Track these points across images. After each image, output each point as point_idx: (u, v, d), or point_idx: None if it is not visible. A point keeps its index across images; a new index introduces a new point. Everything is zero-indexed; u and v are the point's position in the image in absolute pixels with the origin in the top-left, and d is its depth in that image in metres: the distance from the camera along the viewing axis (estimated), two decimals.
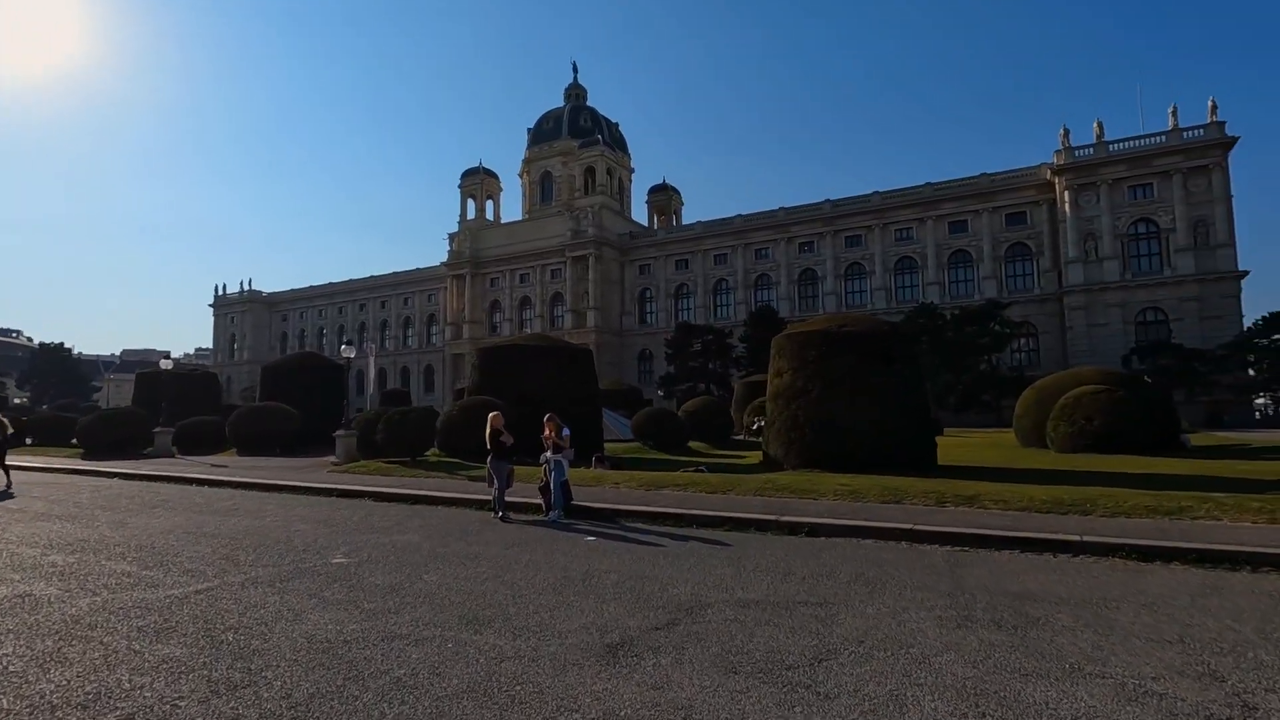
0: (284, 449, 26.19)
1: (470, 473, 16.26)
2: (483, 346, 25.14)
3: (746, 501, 11.25)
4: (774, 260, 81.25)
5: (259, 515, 11.19)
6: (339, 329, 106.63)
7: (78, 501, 13.18)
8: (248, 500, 13.53)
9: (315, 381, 30.22)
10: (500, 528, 9.87)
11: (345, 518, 10.83)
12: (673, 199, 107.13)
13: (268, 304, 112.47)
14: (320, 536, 8.95)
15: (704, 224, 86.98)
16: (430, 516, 11.10)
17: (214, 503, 13.08)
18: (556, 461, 10.71)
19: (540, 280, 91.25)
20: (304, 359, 31.86)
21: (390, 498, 13.52)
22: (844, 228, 77.78)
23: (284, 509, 12.07)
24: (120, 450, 25.31)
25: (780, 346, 19.25)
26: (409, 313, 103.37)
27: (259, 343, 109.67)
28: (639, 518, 10.61)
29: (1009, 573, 6.90)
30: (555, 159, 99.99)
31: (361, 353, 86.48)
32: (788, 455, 17.89)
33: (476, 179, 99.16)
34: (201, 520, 10.58)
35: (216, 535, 8.95)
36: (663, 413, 26.63)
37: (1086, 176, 64.47)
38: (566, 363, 24.04)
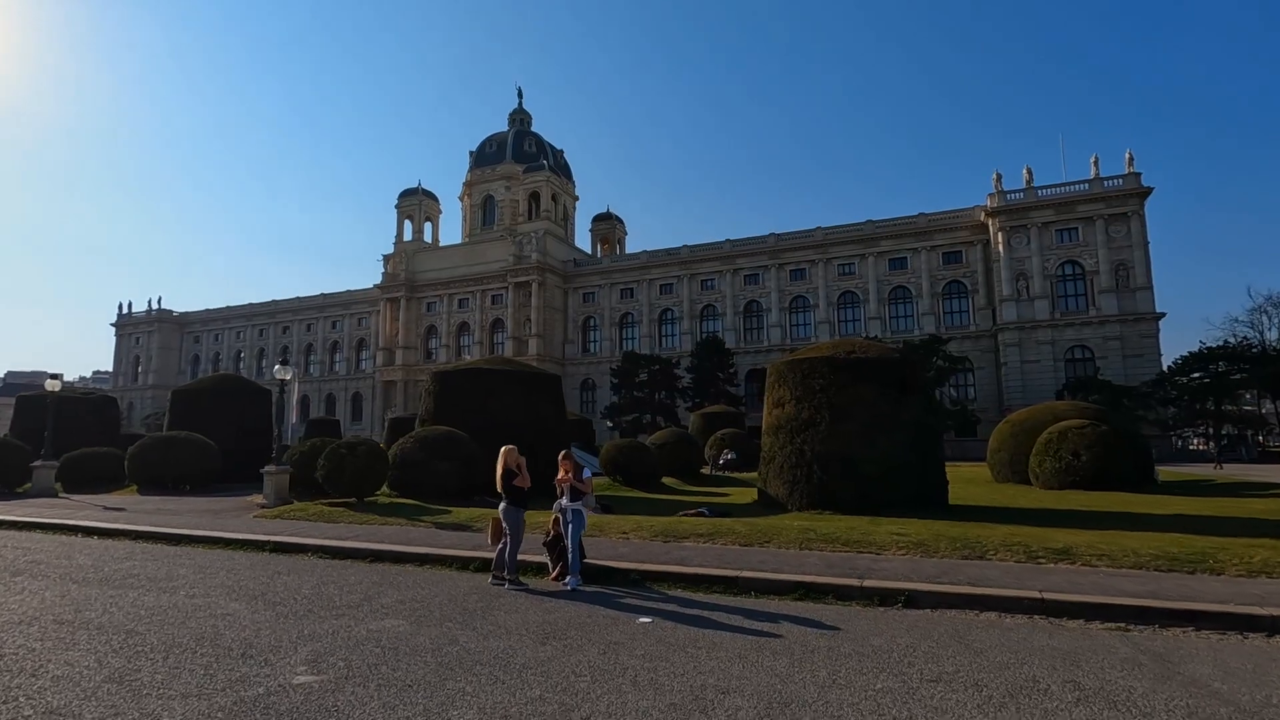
0: (196, 486, 22.56)
1: (436, 518, 13.68)
2: (440, 370, 22.48)
3: (798, 558, 9.31)
4: (720, 291, 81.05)
5: (168, 586, 8.40)
6: (259, 352, 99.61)
7: None
8: (151, 560, 10.57)
9: (236, 408, 26.60)
10: (512, 601, 7.53)
11: (291, 589, 8.21)
12: (616, 228, 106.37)
13: (178, 324, 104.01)
14: (262, 625, 6.40)
15: (650, 253, 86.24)
16: (407, 584, 8.61)
17: (104, 564, 10.09)
18: (575, 511, 8.48)
19: (480, 305, 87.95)
20: (222, 381, 28.08)
21: (344, 554, 10.87)
22: (788, 261, 78.48)
23: (203, 575, 9.28)
24: None
25: (780, 374, 17.61)
26: (337, 336, 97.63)
27: (166, 365, 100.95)
28: (676, 582, 8.49)
29: (1238, 671, 5.19)
30: (498, 182, 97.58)
31: None
32: (792, 495, 16.13)
33: (415, 200, 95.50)
34: (84, 597, 7.75)
35: (104, 627, 6.24)
36: (634, 446, 24.50)
37: (1018, 219, 67.22)
38: (534, 389, 21.70)
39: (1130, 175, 64.39)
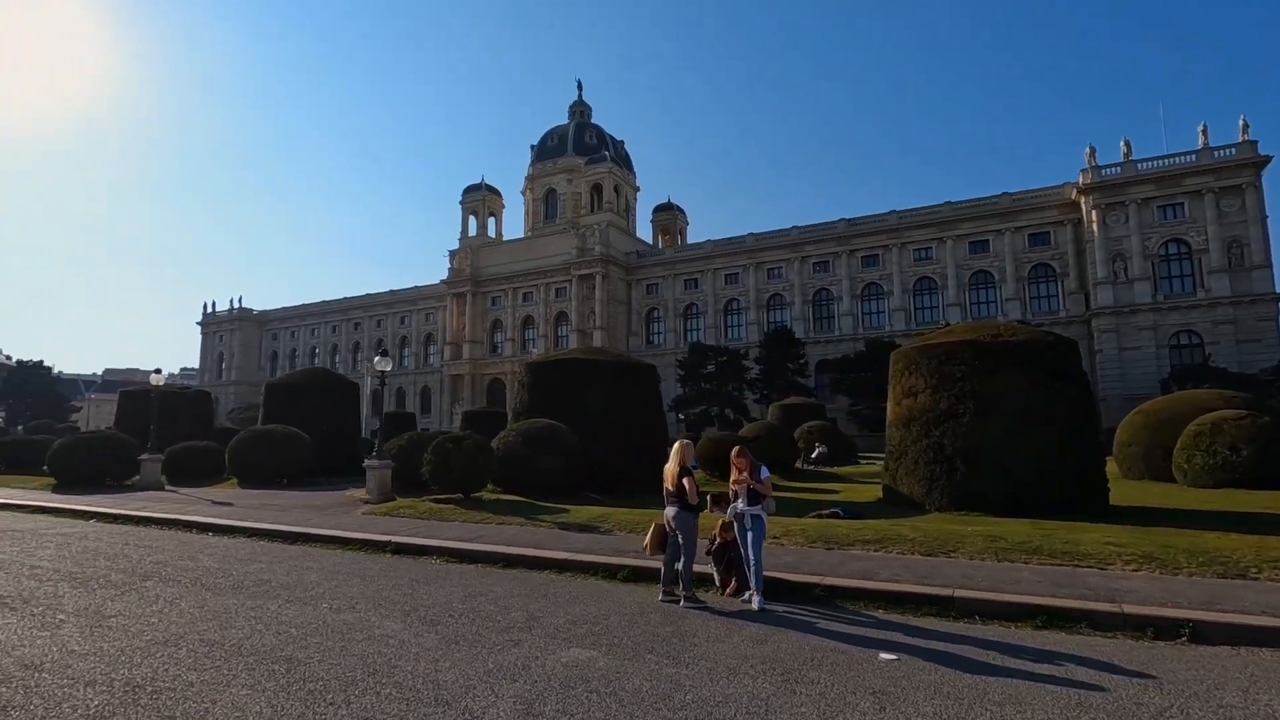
0: (292, 480, 22.54)
1: (555, 518, 12.80)
2: (535, 361, 21.78)
3: (1007, 574, 7.94)
4: (787, 280, 78.64)
5: (305, 597, 7.68)
6: (332, 348, 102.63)
7: (35, 565, 9.56)
8: (276, 562, 9.99)
9: (326, 402, 26.64)
10: (703, 625, 6.43)
11: (439, 602, 7.36)
12: (677, 218, 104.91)
13: (258, 322, 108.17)
14: (435, 653, 5.48)
15: (714, 242, 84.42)
16: (562, 597, 7.65)
17: (230, 566, 9.52)
18: (755, 517, 7.34)
19: (544, 299, 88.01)
20: (313, 376, 28.24)
21: (472, 557, 10.05)
22: (860, 247, 75.43)
23: (335, 581, 8.57)
24: (99, 481, 21.51)
25: (910, 361, 16.05)
26: (405, 332, 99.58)
27: (248, 362, 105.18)
28: (870, 600, 7.26)
29: None
30: (560, 176, 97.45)
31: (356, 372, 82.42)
32: (930, 493, 14.62)
33: (478, 195, 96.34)
34: (222, 609, 7.07)
35: (258, 652, 5.45)
36: (731, 440, 23.22)
37: (1114, 196, 62.55)
38: (631, 380, 20.71)
39: (1244, 144, 58.98)
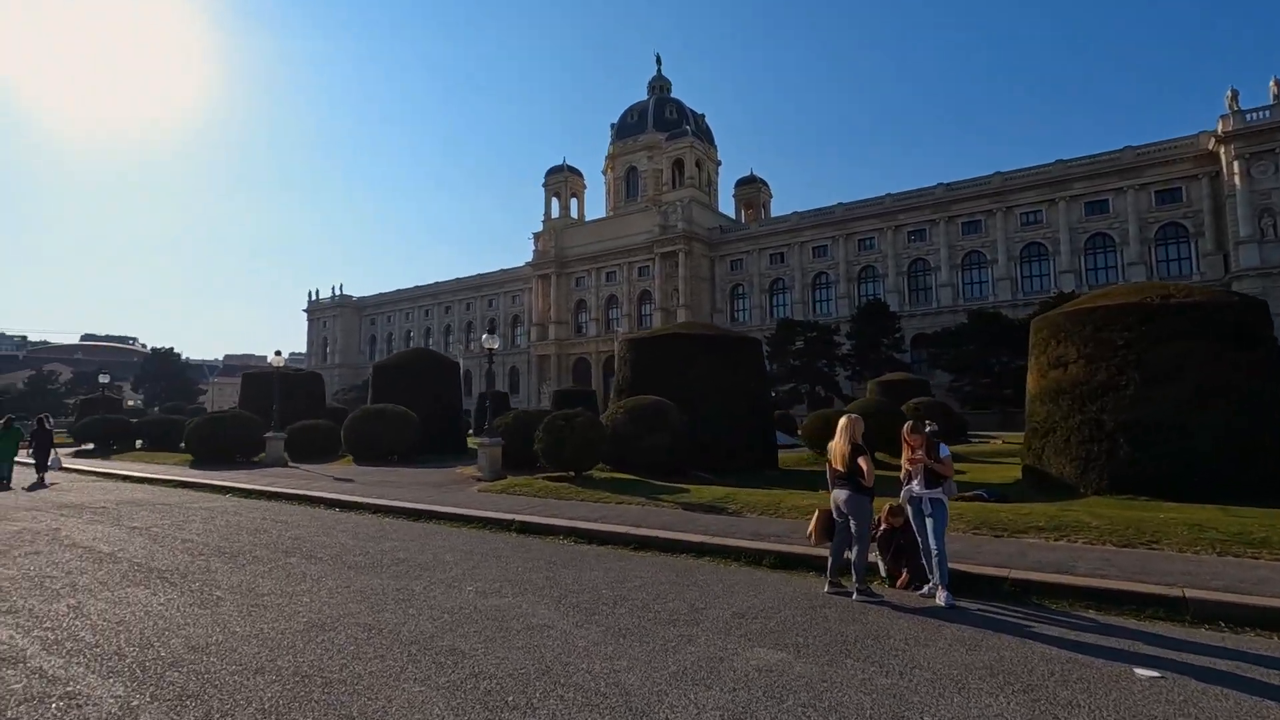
0: (402, 457, 23.13)
1: (676, 498, 12.24)
2: (635, 338, 21.27)
3: (1233, 568, 6.72)
4: (880, 251, 75.01)
5: (447, 579, 7.45)
6: (425, 331, 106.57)
7: (187, 539, 9.84)
8: (408, 540, 9.91)
9: (429, 381, 27.21)
10: (892, 623, 5.66)
11: (588, 586, 6.91)
12: (761, 191, 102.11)
13: (357, 308, 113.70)
14: (606, 648, 4.96)
15: (800, 214, 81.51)
16: (716, 587, 7.04)
17: (365, 544, 9.48)
18: (935, 501, 6.48)
19: (627, 278, 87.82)
20: (417, 356, 28.95)
21: (600, 538, 9.64)
22: (959, 213, 70.80)
23: (471, 561, 8.33)
24: (230, 457, 22.80)
25: (1058, 328, 14.44)
26: (494, 314, 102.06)
27: (349, 346, 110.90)
28: (1077, 598, 6.27)
29: None
30: (640, 153, 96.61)
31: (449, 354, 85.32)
32: (1085, 474, 13.11)
33: (560, 177, 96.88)
34: (368, 589, 6.89)
35: (419, 641, 5.02)
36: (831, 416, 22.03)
37: (1262, 143, 55.74)
38: (735, 355, 19.87)
39: None
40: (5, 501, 14.55)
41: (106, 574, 7.50)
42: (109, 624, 5.60)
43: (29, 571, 7.61)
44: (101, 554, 8.64)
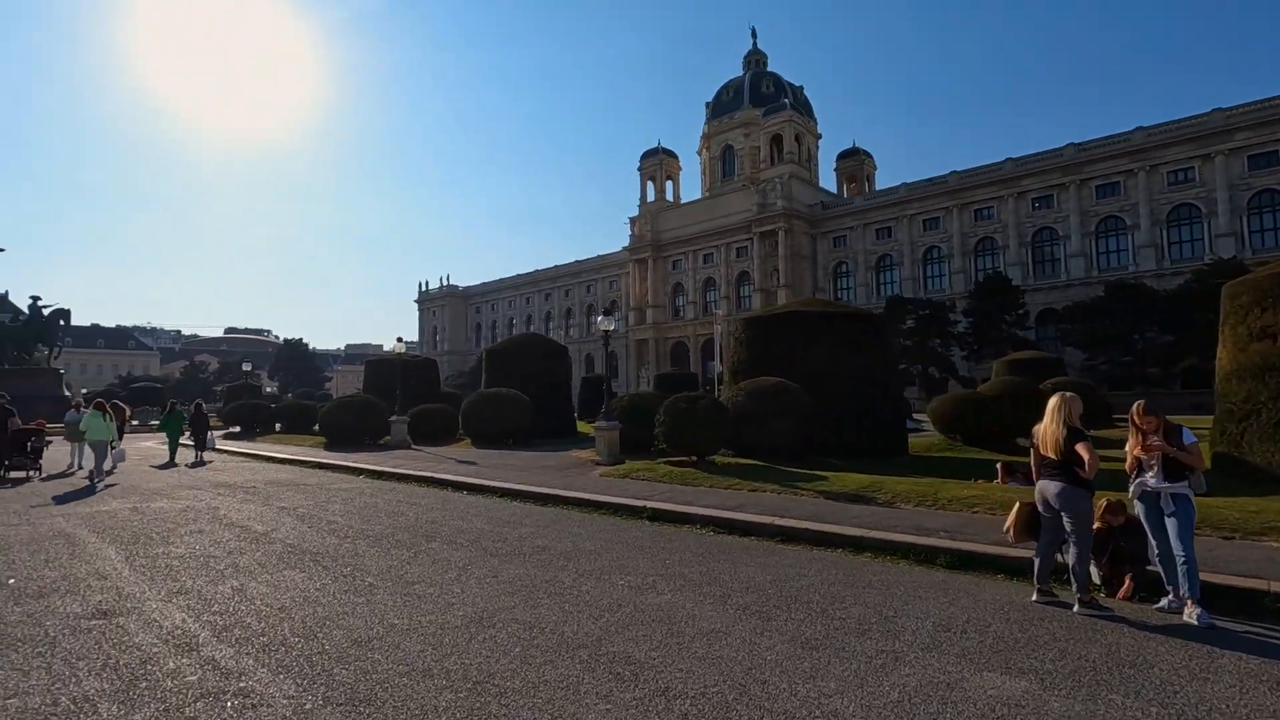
0: (516, 440, 23.42)
1: (814, 485, 11.38)
2: (751, 316, 20.38)
3: None
4: (999, 220, 69.57)
5: (593, 568, 7.06)
6: (526, 318, 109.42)
7: (331, 520, 10.01)
8: (542, 525, 9.65)
9: (539, 366, 27.42)
10: (1152, 648, 4.62)
11: (749, 585, 6.28)
12: (864, 163, 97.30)
13: (463, 297, 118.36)
14: (796, 660, 4.30)
15: (909, 186, 76.89)
16: (897, 589, 6.21)
17: (501, 529, 9.28)
18: (1180, 497, 5.35)
19: (725, 260, 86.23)
20: (527, 340, 29.31)
21: (740, 529, 8.99)
22: (1093, 175, 64.30)
23: (613, 549, 7.93)
24: (359, 439, 23.89)
25: (1261, 294, 12.33)
26: (591, 300, 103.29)
27: (457, 333, 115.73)
28: None
29: None
30: (737, 131, 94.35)
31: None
32: None
33: (655, 160, 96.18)
34: (517, 580, 6.60)
35: (584, 641, 4.57)
36: (976, 400, 20.28)
37: None
38: (861, 332, 18.57)
39: None
40: (171, 480, 15.69)
41: (263, 555, 7.60)
42: (271, 610, 5.51)
43: (195, 550, 7.85)
44: (256, 534, 8.88)
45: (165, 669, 4.26)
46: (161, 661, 4.38)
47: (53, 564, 7.18)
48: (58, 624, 5.14)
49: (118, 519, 10.14)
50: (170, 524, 9.64)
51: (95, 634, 4.91)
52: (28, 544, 8.29)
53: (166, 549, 7.92)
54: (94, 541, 8.38)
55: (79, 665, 4.31)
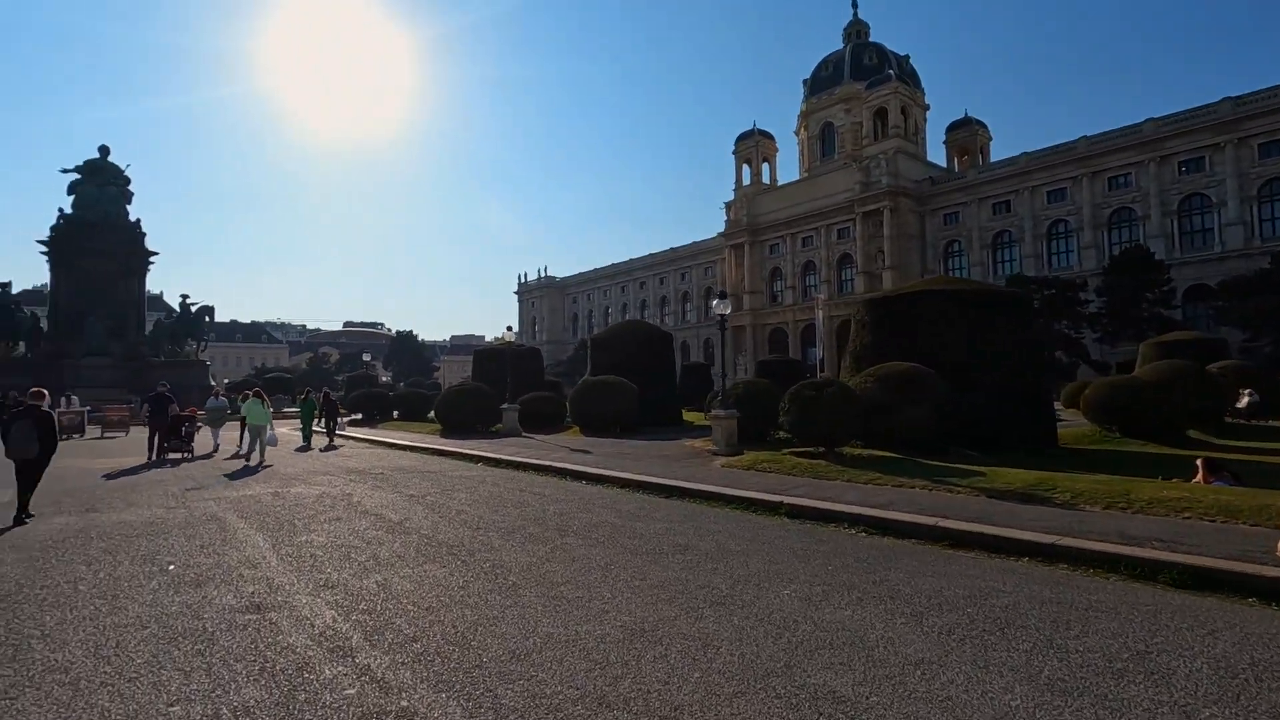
0: (623, 429, 23.11)
1: (971, 481, 10.20)
2: (874, 297, 19.03)
3: None
4: (1137, 188, 62.86)
5: (745, 572, 6.42)
6: (622, 307, 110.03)
7: (460, 510, 9.89)
8: (675, 520, 9.10)
9: (644, 353, 27.00)
10: None
11: (933, 597, 5.45)
12: (978, 134, 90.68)
13: (560, 288, 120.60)
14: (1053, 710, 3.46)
15: (1030, 155, 70.90)
16: (1130, 612, 5.16)
17: (632, 524, 8.79)
18: None
19: (825, 242, 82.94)
20: (631, 327, 29.03)
21: (896, 530, 8.06)
22: (1255, 132, 56.74)
23: (763, 551, 7.25)
24: (471, 427, 24.38)
25: None
26: (686, 287, 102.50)
27: (554, 324, 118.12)
28: None
29: None
30: (837, 107, 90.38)
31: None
32: None
33: (750, 142, 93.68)
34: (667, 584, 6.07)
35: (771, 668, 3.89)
36: (1136, 387, 17.98)
37: None
38: (1002, 313, 16.84)
39: None
40: (306, 465, 16.39)
41: (401, 546, 7.44)
42: (419, 610, 5.19)
43: (336, 540, 7.82)
44: (391, 523, 8.81)
45: (322, 678, 3.96)
46: (317, 668, 4.09)
47: (206, 550, 7.29)
48: (214, 617, 5.03)
49: (261, 504, 10.45)
50: (309, 511, 9.79)
51: (250, 631, 4.73)
52: (184, 528, 8.57)
53: (309, 537, 7.93)
54: (242, 527, 8.56)
55: (237, 668, 4.09)
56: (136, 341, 47.83)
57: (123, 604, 5.37)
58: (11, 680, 3.92)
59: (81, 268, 46.53)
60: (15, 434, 9.10)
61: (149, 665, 4.13)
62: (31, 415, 9.30)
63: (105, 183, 49.24)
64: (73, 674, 4.00)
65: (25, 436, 9.09)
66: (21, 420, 9.21)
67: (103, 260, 46.84)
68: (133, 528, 8.63)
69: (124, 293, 48.21)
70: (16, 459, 9.16)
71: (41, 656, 4.27)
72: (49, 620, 4.98)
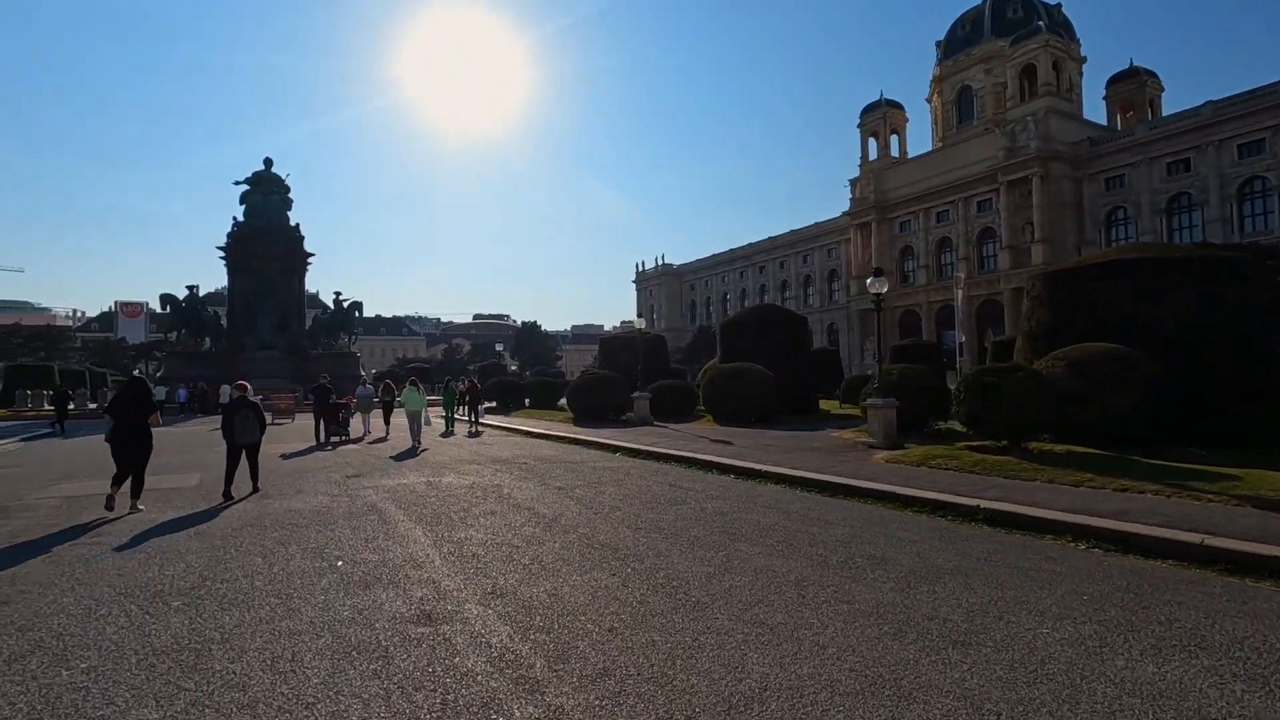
0: (758, 418, 22.00)
1: (1217, 485, 8.33)
2: (1056, 270, 16.69)
3: None
4: None
5: (980, 600, 5.36)
6: (741, 293, 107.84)
7: (614, 506, 9.34)
8: (855, 524, 8.05)
9: (777, 338, 25.64)
10: None
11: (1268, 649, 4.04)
12: (1146, 86, 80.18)
13: (677, 276, 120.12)
14: None
15: (1216, 104, 61.49)
16: None
17: (809, 528, 7.81)
18: None
19: (963, 216, 76.59)
20: (763, 311, 27.72)
21: (1142, 547, 6.53)
22: None
23: (989, 571, 6.08)
24: (602, 415, 24.24)
25: None
26: (808, 270, 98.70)
27: (672, 311, 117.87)
28: None
29: None
30: (976, 68, 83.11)
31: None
32: None
33: (878, 114, 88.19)
34: (892, 612, 5.10)
35: None
36: None
37: None
38: (1229, 282, 14.10)
39: None
40: (453, 453, 16.73)
41: (562, 547, 6.93)
42: (601, 631, 4.54)
43: (494, 537, 7.45)
44: (545, 519, 8.39)
45: None
46: (504, 706, 3.49)
47: (371, 545, 7.13)
48: (386, 628, 4.64)
49: (416, 494, 10.46)
50: (463, 503, 9.62)
51: (425, 649, 4.27)
52: (348, 518, 8.60)
53: (467, 533, 7.63)
54: (402, 520, 8.44)
55: (417, 699, 3.58)
56: (298, 335, 52.41)
57: (296, 605, 5.13)
58: (193, 698, 3.63)
59: (252, 269, 51.53)
60: (239, 423, 10.45)
61: (325, 688, 3.72)
62: (247, 405, 10.67)
63: (270, 191, 54.13)
64: (251, 693, 3.66)
65: (248, 425, 10.51)
66: (242, 410, 10.56)
67: (269, 262, 51.63)
68: (302, 516, 8.76)
69: (287, 291, 52.94)
70: (243, 444, 10.57)
71: (221, 668, 4.00)
72: (228, 621, 4.80)
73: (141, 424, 9.46)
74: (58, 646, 4.39)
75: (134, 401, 9.50)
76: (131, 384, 9.95)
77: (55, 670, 4.01)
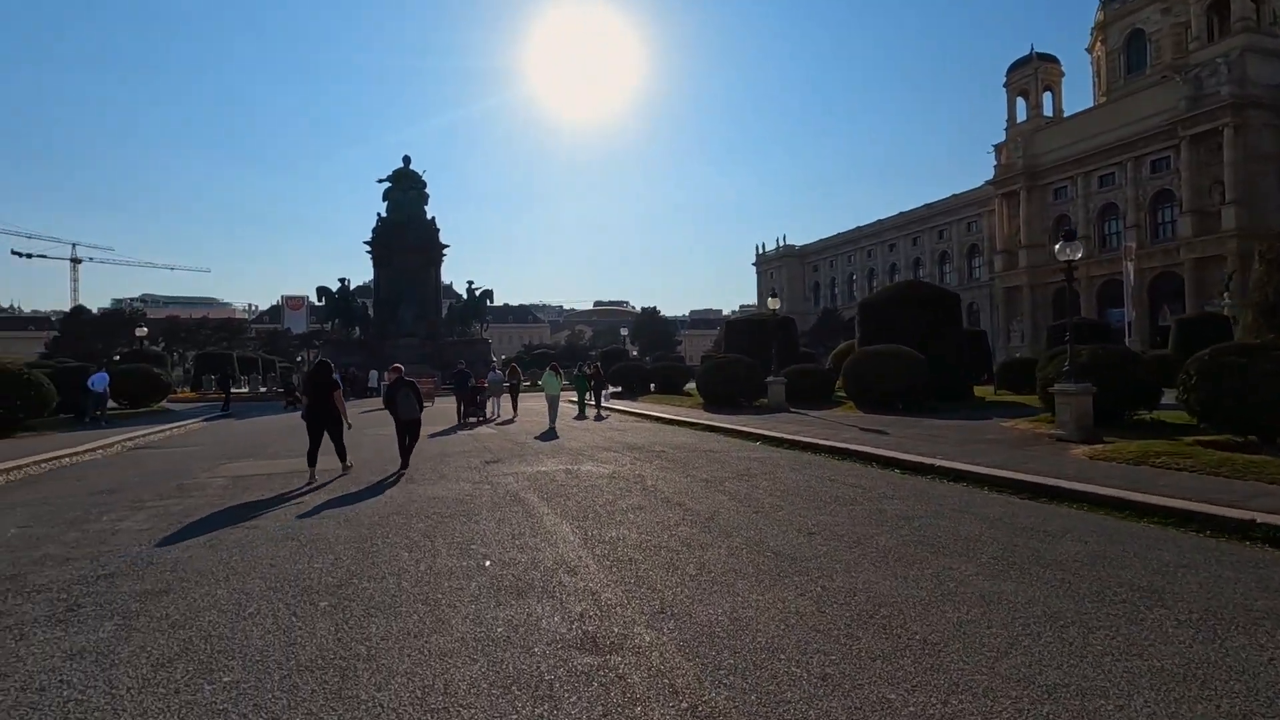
0: (906, 405, 20.04)
1: None
2: None
3: None
4: None
5: None
6: (868, 272, 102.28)
7: (775, 505, 8.35)
8: (1082, 535, 6.59)
9: (924, 317, 23.32)
10: None
11: None
12: None
13: (799, 257, 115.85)
14: None
15: None
16: None
17: (1027, 540, 6.41)
18: None
19: (1132, 179, 67.63)
20: (908, 288, 25.42)
21: None
22: None
23: None
24: (733, 401, 23.17)
25: None
26: (945, 246, 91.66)
27: (794, 293, 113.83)
28: None
29: None
30: (1150, 8, 72.99)
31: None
32: None
33: (1028, 70, 79.76)
34: (1212, 671, 3.71)
35: None
36: None
37: None
38: None
39: None
40: (586, 438, 16.38)
41: (727, 553, 6.01)
42: (811, 678, 3.57)
43: (648, 538, 6.67)
44: (702, 518, 7.51)
45: None
46: None
47: (518, 542, 6.57)
48: (547, 653, 3.93)
49: (557, 483, 9.97)
50: (607, 495, 8.97)
51: (596, 689, 3.49)
52: (491, 509, 8.17)
53: (619, 532, 6.90)
54: (547, 514, 7.87)
55: None
56: (436, 323, 55.31)
57: (445, 615, 4.56)
58: None
59: (394, 262, 54.87)
60: (402, 401, 11.54)
61: None
62: (405, 385, 11.73)
63: (408, 187, 57.30)
64: None
65: (409, 403, 11.56)
66: (402, 389, 11.62)
67: (409, 254, 54.75)
68: (446, 505, 8.45)
69: (426, 282, 55.98)
70: (405, 419, 11.57)
71: (367, 696, 3.43)
72: (374, 632, 4.29)
73: (328, 401, 10.75)
74: (205, 651, 4.05)
75: (321, 383, 10.83)
76: (319, 368, 11.29)
77: (199, 684, 3.61)
